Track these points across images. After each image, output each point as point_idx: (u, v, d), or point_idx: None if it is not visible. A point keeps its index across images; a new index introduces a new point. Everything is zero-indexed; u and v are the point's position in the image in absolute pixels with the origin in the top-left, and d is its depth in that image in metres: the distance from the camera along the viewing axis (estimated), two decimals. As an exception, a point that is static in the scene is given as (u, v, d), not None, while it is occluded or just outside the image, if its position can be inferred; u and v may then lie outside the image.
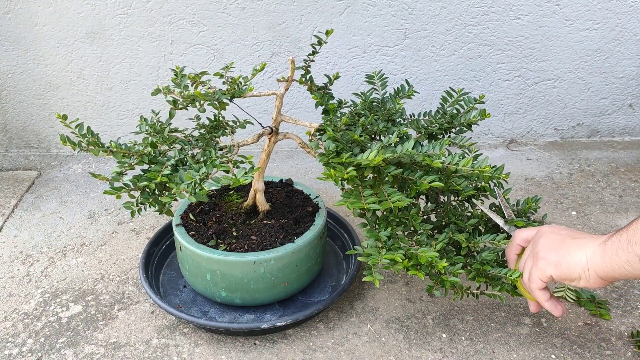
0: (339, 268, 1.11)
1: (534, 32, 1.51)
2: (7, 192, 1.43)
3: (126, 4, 1.42)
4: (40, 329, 0.98)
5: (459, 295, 0.87)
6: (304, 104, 1.58)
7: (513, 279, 0.81)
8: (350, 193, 0.78)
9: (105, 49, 1.47)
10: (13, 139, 1.60)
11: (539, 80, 1.58)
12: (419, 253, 0.76)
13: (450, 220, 0.88)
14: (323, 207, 1.03)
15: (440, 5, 1.46)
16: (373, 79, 1.01)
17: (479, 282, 0.86)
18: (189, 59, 1.49)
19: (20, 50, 1.47)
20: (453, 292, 0.87)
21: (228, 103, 0.89)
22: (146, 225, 1.29)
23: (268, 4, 1.43)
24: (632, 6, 1.49)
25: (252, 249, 0.93)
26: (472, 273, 0.85)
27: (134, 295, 1.06)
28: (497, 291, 0.86)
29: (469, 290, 0.87)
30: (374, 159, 0.73)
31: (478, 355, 0.92)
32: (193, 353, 0.93)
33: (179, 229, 0.98)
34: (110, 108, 1.57)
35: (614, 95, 1.62)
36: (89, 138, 0.80)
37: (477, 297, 0.89)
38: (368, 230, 0.81)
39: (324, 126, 0.86)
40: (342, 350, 0.93)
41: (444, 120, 0.94)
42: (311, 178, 1.49)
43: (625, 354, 0.92)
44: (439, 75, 1.56)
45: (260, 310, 1.00)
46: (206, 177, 0.75)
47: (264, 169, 0.99)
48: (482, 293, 0.88)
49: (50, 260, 1.17)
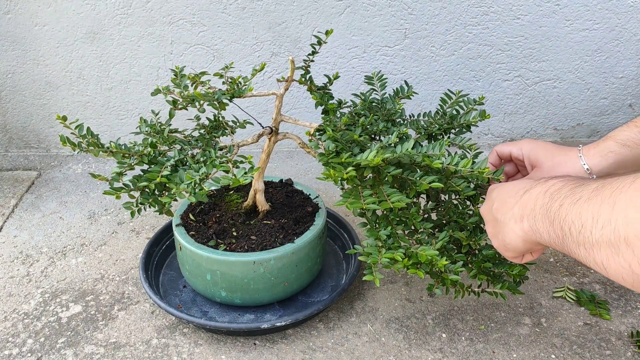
0: (339, 268, 1.11)
1: (534, 32, 1.51)
2: (7, 192, 1.43)
3: (126, 4, 1.42)
4: (40, 329, 0.98)
5: (460, 294, 0.87)
6: (304, 104, 1.58)
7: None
8: (349, 193, 0.78)
9: (105, 49, 1.47)
10: (13, 139, 1.60)
11: (539, 80, 1.58)
12: (418, 252, 0.76)
13: (451, 219, 0.88)
14: (323, 207, 1.03)
15: (440, 5, 1.46)
16: (372, 80, 1.01)
17: (480, 279, 0.86)
18: (189, 59, 1.49)
19: (20, 50, 1.47)
20: (454, 291, 0.87)
21: (228, 103, 0.89)
22: (146, 225, 1.29)
23: (268, 4, 1.43)
24: (632, 6, 1.48)
25: (252, 249, 0.93)
26: (473, 271, 0.85)
27: (134, 295, 1.06)
28: (498, 289, 0.86)
29: (470, 289, 0.87)
30: (373, 159, 0.73)
31: (478, 355, 0.92)
32: (193, 353, 0.93)
33: (179, 229, 0.98)
34: (110, 108, 1.57)
35: (613, 95, 1.62)
36: (88, 139, 0.80)
37: (478, 295, 0.89)
38: (368, 230, 0.81)
39: (324, 126, 0.86)
40: (342, 350, 0.93)
41: (443, 121, 0.94)
42: (311, 178, 1.49)
43: (625, 354, 0.92)
44: (439, 76, 1.56)
45: (260, 310, 1.00)
46: (206, 177, 0.75)
47: (263, 169, 0.99)
48: (484, 291, 0.88)
49: (50, 260, 1.17)
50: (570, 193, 0.56)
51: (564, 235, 0.55)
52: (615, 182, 0.50)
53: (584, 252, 0.52)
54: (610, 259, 0.49)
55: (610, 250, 0.48)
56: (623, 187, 0.48)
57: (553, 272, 1.12)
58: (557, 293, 1.06)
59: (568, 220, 0.54)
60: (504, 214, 0.68)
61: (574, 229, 0.53)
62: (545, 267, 1.14)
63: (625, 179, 0.49)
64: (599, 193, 0.51)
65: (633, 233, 0.46)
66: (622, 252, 0.47)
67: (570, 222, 0.54)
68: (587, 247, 0.51)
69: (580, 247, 0.53)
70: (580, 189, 0.55)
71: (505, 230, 0.68)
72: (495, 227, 0.71)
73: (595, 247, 0.50)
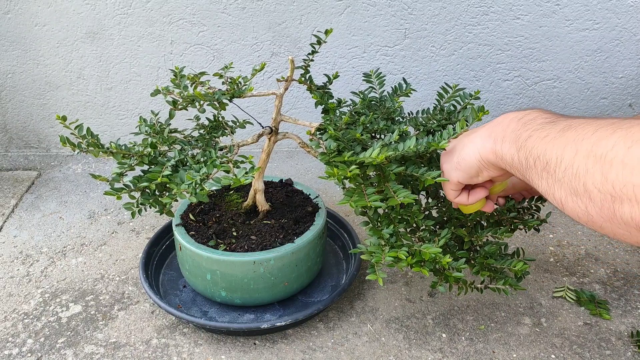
0: (339, 268, 1.11)
1: (533, 32, 1.51)
2: (7, 192, 1.43)
3: (126, 4, 1.42)
4: (40, 329, 0.98)
5: (464, 290, 0.87)
6: (304, 103, 1.58)
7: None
8: (352, 191, 0.78)
9: (105, 49, 1.47)
10: (13, 139, 1.60)
11: (539, 80, 1.58)
12: (422, 249, 0.76)
13: (452, 216, 0.89)
14: (323, 207, 1.03)
15: (440, 5, 1.46)
16: (370, 78, 1.01)
17: (482, 276, 0.86)
18: (189, 59, 1.49)
19: (20, 50, 1.47)
20: (457, 288, 0.87)
21: (228, 103, 0.89)
22: (146, 225, 1.29)
23: (268, 4, 1.43)
24: (632, 6, 1.48)
25: (252, 249, 0.93)
26: (476, 267, 0.85)
27: (134, 295, 1.06)
28: (501, 285, 0.86)
29: (472, 285, 0.88)
30: (377, 156, 0.73)
31: (478, 355, 0.92)
32: (193, 353, 0.93)
33: (179, 229, 0.98)
34: (110, 108, 1.57)
35: (613, 95, 1.62)
36: (88, 139, 0.80)
37: (481, 291, 0.89)
38: (370, 228, 0.81)
39: (325, 125, 0.86)
40: (342, 350, 0.93)
41: (441, 117, 0.94)
42: (311, 178, 1.49)
43: (625, 354, 0.92)
44: (439, 75, 1.56)
45: (260, 310, 1.00)
46: (206, 177, 0.75)
47: (264, 169, 0.99)
48: (487, 287, 0.88)
49: (50, 260, 1.17)
50: (540, 127, 0.58)
51: (528, 165, 0.58)
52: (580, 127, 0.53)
53: (545, 186, 0.56)
54: (569, 198, 0.53)
55: (570, 191, 0.52)
56: (586, 135, 0.51)
57: (553, 272, 1.12)
58: (557, 293, 1.06)
59: (534, 153, 0.57)
60: (469, 134, 0.70)
61: (539, 163, 0.56)
62: (545, 267, 1.14)
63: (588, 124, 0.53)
64: (564, 134, 0.54)
65: (591, 182, 0.49)
66: (580, 195, 0.51)
67: (536, 156, 0.57)
68: (549, 182, 0.55)
69: (542, 180, 0.56)
70: (549, 127, 0.57)
71: (465, 147, 0.69)
72: (452, 150, 0.72)
73: (557, 185, 0.54)
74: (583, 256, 1.17)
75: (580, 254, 1.18)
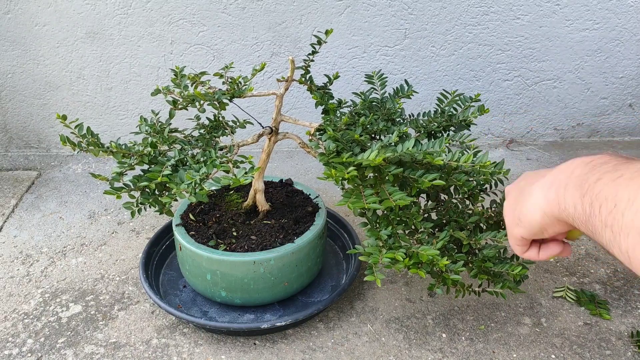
0: (339, 268, 1.11)
1: (534, 32, 1.51)
2: (7, 192, 1.43)
3: (126, 4, 1.42)
4: (40, 329, 0.98)
5: (461, 293, 0.87)
6: (304, 104, 1.58)
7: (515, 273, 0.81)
8: (351, 193, 0.78)
9: (105, 49, 1.47)
10: (13, 139, 1.60)
11: (539, 80, 1.58)
12: (419, 251, 0.76)
13: (451, 218, 0.88)
14: (323, 207, 1.03)
15: (440, 5, 1.46)
16: (372, 79, 1.01)
17: (480, 279, 0.86)
18: (189, 59, 1.49)
19: (20, 50, 1.47)
20: (455, 290, 0.87)
21: (228, 103, 0.89)
22: (146, 225, 1.29)
23: (268, 4, 1.43)
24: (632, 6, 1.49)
25: (252, 249, 0.93)
26: (474, 270, 0.85)
27: (134, 295, 1.06)
28: (499, 288, 0.86)
29: (470, 288, 0.87)
30: (374, 158, 0.73)
31: (478, 355, 0.92)
32: (193, 353, 0.93)
33: (179, 229, 0.98)
34: (110, 108, 1.57)
35: (614, 95, 1.62)
36: (88, 138, 0.80)
37: (479, 294, 0.89)
38: (369, 230, 0.81)
39: (324, 126, 0.86)
40: (342, 350, 0.93)
41: (442, 119, 0.94)
42: (311, 178, 1.49)
43: (625, 354, 0.92)
44: (439, 75, 1.56)
45: (260, 310, 1.00)
46: (206, 177, 0.75)
47: (264, 169, 0.99)
48: (484, 290, 0.88)
49: (50, 260, 1.17)
50: (613, 169, 0.50)
51: (592, 212, 0.50)
52: None
53: (609, 235, 0.47)
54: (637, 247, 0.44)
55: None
56: None
57: (553, 272, 1.12)
58: (557, 293, 1.06)
59: (601, 197, 0.49)
60: (531, 183, 0.62)
61: (605, 208, 0.48)
62: (545, 267, 1.14)
63: None
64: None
65: None
66: None
67: (602, 199, 0.48)
68: (614, 230, 0.46)
69: (607, 228, 0.47)
70: (625, 167, 0.49)
71: (526, 201, 0.61)
72: (515, 199, 0.64)
73: (624, 232, 0.45)
74: (583, 256, 1.17)
75: (580, 254, 1.18)
